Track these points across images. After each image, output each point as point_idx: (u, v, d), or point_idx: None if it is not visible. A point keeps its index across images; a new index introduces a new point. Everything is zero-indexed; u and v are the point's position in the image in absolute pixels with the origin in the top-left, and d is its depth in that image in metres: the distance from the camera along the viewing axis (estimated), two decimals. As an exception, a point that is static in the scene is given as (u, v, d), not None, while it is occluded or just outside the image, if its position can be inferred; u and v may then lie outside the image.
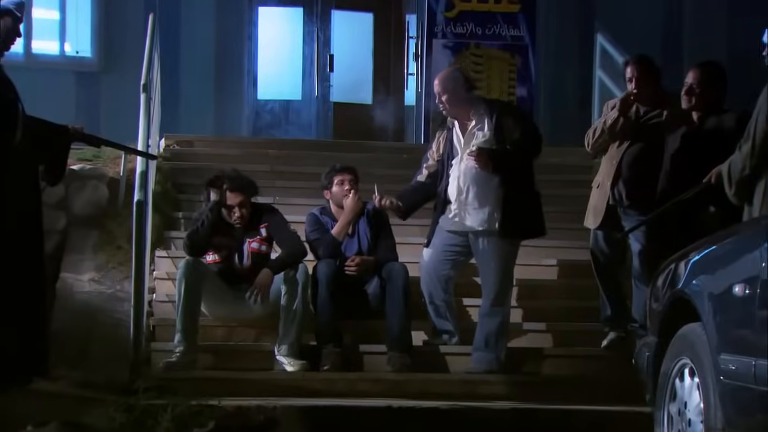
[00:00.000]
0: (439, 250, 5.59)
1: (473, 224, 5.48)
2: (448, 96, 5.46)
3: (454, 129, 5.57)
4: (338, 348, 5.47)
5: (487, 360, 5.47)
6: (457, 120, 5.55)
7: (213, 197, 5.62)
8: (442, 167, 5.59)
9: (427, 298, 5.62)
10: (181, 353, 5.33)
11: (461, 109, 5.51)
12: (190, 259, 5.50)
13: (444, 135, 5.60)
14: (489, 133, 5.47)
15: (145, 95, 6.50)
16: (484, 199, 5.45)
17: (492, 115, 5.49)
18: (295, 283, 5.46)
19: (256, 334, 5.72)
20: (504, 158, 5.41)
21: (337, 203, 5.78)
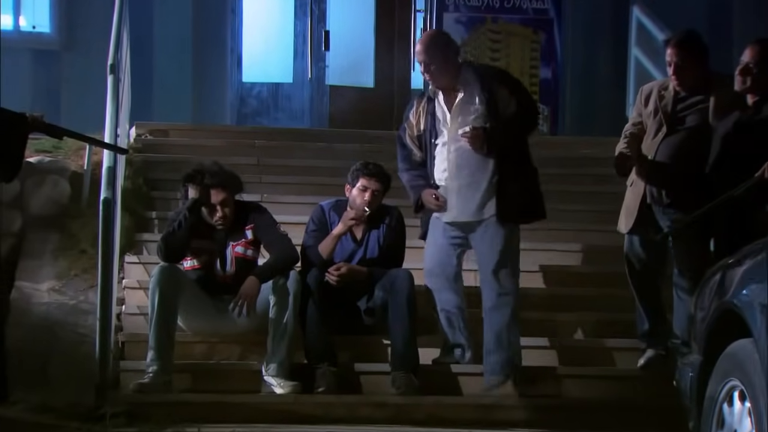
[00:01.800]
0: (441, 244, 5.59)
1: (470, 213, 5.49)
2: (435, 63, 5.41)
3: (437, 100, 5.53)
4: (334, 367, 5.48)
5: (501, 363, 5.43)
6: (443, 91, 5.51)
7: (191, 194, 5.64)
8: (423, 145, 5.57)
9: (438, 304, 5.63)
10: (154, 373, 5.34)
11: (448, 78, 5.46)
12: (165, 266, 5.51)
13: (424, 106, 5.56)
14: (481, 107, 5.44)
15: (113, 77, 6.51)
16: (480, 185, 5.45)
17: (483, 85, 5.46)
18: (286, 292, 5.47)
19: (240, 352, 5.73)
20: (500, 137, 5.40)
21: (352, 206, 5.78)
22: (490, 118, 5.41)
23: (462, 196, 5.49)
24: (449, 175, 5.50)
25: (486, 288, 5.53)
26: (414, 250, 6.33)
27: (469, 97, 5.47)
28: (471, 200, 5.48)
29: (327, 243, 5.70)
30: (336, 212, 5.82)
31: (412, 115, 5.61)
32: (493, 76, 5.58)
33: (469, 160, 5.46)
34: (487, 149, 5.40)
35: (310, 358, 5.55)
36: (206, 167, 5.67)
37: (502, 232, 5.48)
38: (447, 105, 5.51)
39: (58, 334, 5.87)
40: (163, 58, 9.80)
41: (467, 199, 5.48)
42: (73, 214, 6.83)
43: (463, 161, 5.47)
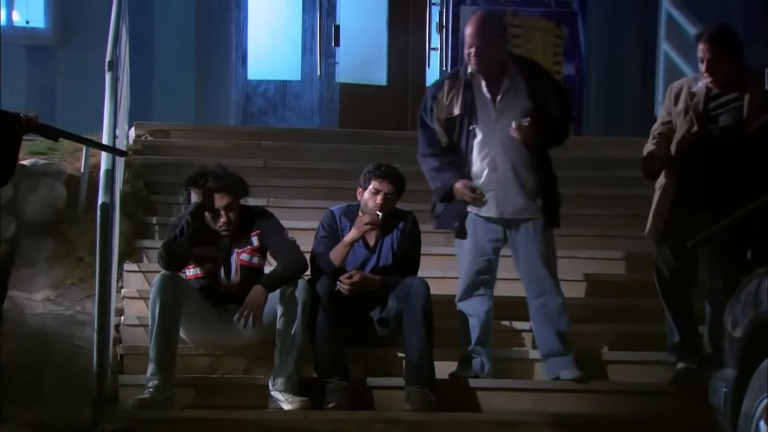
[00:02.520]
0: (480, 241, 5.60)
1: (517, 209, 5.52)
2: (483, 44, 5.44)
3: (479, 85, 5.55)
4: (346, 382, 5.48)
5: (568, 364, 5.54)
6: (486, 76, 5.53)
7: (194, 199, 5.64)
8: (454, 129, 5.57)
9: (465, 307, 5.63)
10: (155, 388, 5.35)
11: (495, 64, 5.51)
12: (167, 274, 5.52)
13: (458, 88, 5.57)
14: (528, 102, 5.51)
15: (111, 75, 6.52)
16: (525, 180, 5.51)
17: (530, 78, 5.53)
18: (294, 302, 5.47)
19: (246, 365, 5.74)
20: (548, 133, 5.49)
21: (363, 210, 5.79)
22: (536, 114, 5.46)
23: (509, 190, 5.52)
24: (493, 166, 5.52)
25: (534, 291, 5.57)
26: (430, 257, 6.34)
27: (515, 87, 5.53)
28: (518, 195, 5.52)
29: (339, 250, 5.71)
30: (347, 218, 5.83)
31: (442, 96, 5.60)
32: (539, 72, 5.65)
33: (515, 154, 5.50)
34: (536, 144, 5.46)
35: (320, 371, 5.54)
36: (210, 170, 5.68)
37: (548, 232, 5.57)
38: (491, 92, 5.53)
39: (53, 346, 5.88)
40: (164, 55, 9.83)
41: (514, 194, 5.52)
42: (70, 220, 6.85)
43: (510, 154, 5.50)
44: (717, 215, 5.28)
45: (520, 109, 5.50)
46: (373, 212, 5.70)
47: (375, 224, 5.69)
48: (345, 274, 5.66)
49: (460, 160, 5.59)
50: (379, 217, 5.68)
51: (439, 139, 5.63)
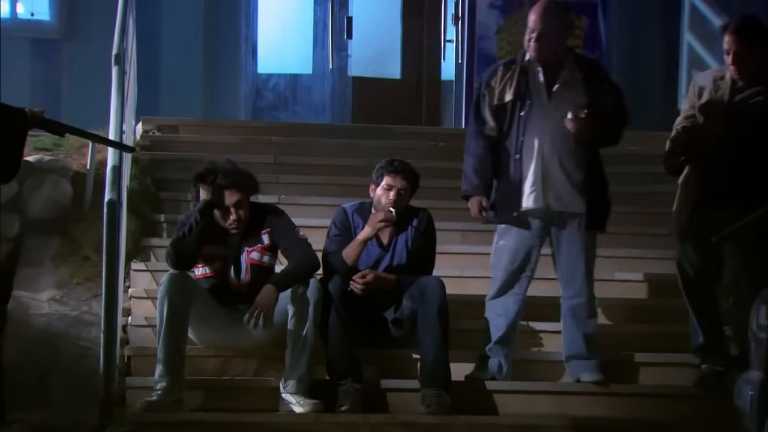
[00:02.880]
0: (519, 240, 5.59)
1: (561, 202, 5.53)
2: (545, 32, 5.47)
3: (537, 74, 5.56)
4: (359, 384, 5.49)
5: (591, 367, 5.57)
6: (544, 65, 5.56)
7: (203, 196, 5.65)
8: (503, 116, 5.58)
9: (496, 307, 5.61)
10: (163, 390, 5.36)
11: (554, 54, 5.55)
12: (175, 273, 5.53)
13: (512, 75, 5.59)
14: (584, 97, 5.53)
15: (118, 68, 6.54)
16: (574, 175, 5.53)
17: (588, 74, 5.57)
18: (306, 302, 5.48)
19: (256, 367, 5.74)
20: (601, 131, 5.51)
21: (375, 208, 5.79)
22: (590, 110, 5.48)
23: (555, 182, 5.53)
24: (540, 156, 5.53)
25: (568, 291, 5.59)
26: (445, 256, 6.33)
27: (572, 80, 5.55)
28: (564, 188, 5.53)
29: (352, 248, 5.71)
30: (360, 215, 5.83)
31: (495, 82, 5.62)
32: (599, 70, 5.69)
33: (565, 146, 5.51)
34: (588, 140, 5.48)
35: (333, 373, 5.55)
36: (219, 166, 5.68)
37: (591, 233, 5.61)
38: (547, 81, 5.55)
39: (58, 347, 5.89)
40: (172, 48, 9.84)
41: (560, 187, 5.53)
42: (76, 218, 6.87)
43: (559, 145, 5.52)
44: (742, 211, 5.27)
45: (574, 102, 5.51)
46: (387, 209, 5.70)
47: (389, 221, 5.69)
48: (358, 273, 5.66)
49: (504, 156, 5.57)
50: (393, 214, 5.68)
51: (487, 130, 5.63)
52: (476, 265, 6.67)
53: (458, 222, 7.03)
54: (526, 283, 5.66)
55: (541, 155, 5.54)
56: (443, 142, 8.37)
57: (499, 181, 5.65)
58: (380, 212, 5.71)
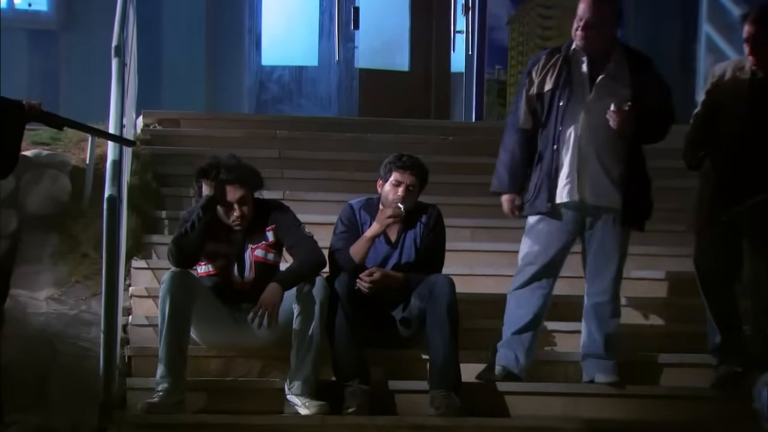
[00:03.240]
0: (551, 232, 5.57)
1: (597, 196, 5.52)
2: (594, 22, 5.46)
3: (580, 65, 5.56)
4: (366, 385, 5.49)
5: (607, 368, 5.56)
6: (590, 55, 5.55)
7: (205, 192, 5.66)
8: (541, 106, 5.57)
9: (519, 299, 5.60)
10: (165, 392, 5.37)
11: (605, 44, 5.53)
12: (177, 271, 5.53)
13: (555, 64, 5.57)
14: (628, 90, 5.52)
15: (118, 60, 6.55)
16: (612, 168, 5.52)
17: (634, 67, 5.56)
18: (312, 301, 5.48)
19: (261, 368, 5.75)
20: (644, 126, 5.50)
21: (383, 204, 5.79)
22: (635, 104, 5.47)
23: (592, 174, 5.51)
24: (577, 147, 5.51)
25: (595, 287, 5.58)
26: (455, 254, 6.33)
27: (618, 73, 5.55)
28: (601, 181, 5.51)
29: (359, 246, 5.71)
30: (367, 212, 5.83)
31: (536, 72, 5.61)
32: (647, 64, 5.66)
33: (604, 138, 5.50)
34: (629, 134, 5.47)
35: (339, 374, 5.55)
36: (222, 161, 5.68)
37: (626, 230, 5.59)
38: (590, 72, 5.54)
39: (57, 347, 5.90)
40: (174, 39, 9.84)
41: (597, 179, 5.51)
42: (74, 214, 6.87)
43: (598, 137, 5.50)
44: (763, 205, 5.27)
45: (618, 95, 5.49)
46: (395, 205, 5.70)
47: (398, 218, 5.69)
48: (365, 271, 5.67)
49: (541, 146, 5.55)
50: (402, 210, 5.68)
51: (523, 128, 5.62)
52: (486, 263, 6.67)
53: (468, 219, 7.04)
54: (553, 280, 5.64)
55: (578, 147, 5.52)
56: (453, 136, 8.37)
57: (534, 172, 5.62)
58: (388, 208, 5.71)
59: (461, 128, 9.10)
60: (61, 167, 7.10)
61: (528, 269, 5.63)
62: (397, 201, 5.72)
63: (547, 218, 5.59)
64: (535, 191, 5.60)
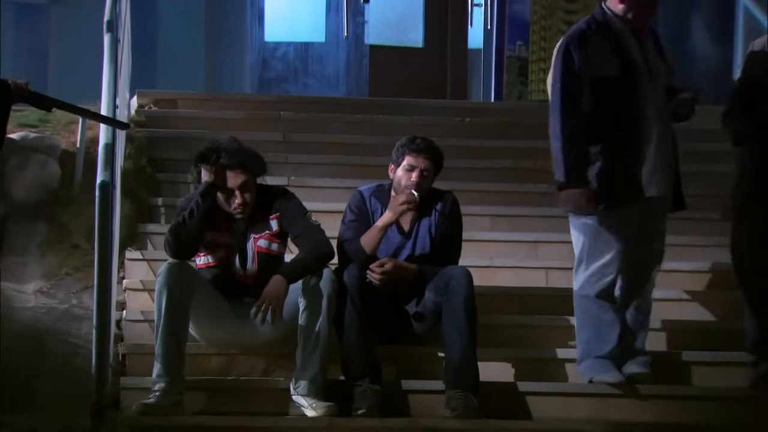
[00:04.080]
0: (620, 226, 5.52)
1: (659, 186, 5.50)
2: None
3: (631, 40, 5.51)
4: (377, 385, 5.50)
5: (643, 362, 5.58)
6: (635, 32, 5.52)
7: (205, 177, 5.66)
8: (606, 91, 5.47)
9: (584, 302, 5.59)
10: (162, 392, 5.38)
11: (652, 18, 5.54)
12: (174, 263, 5.55)
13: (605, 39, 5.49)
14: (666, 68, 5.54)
15: (111, 36, 6.55)
16: (667, 156, 5.52)
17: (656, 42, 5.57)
18: (319, 295, 5.49)
19: (264, 366, 5.76)
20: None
21: (396, 190, 5.80)
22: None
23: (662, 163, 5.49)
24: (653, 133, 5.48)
25: (636, 280, 5.57)
26: (473, 244, 6.33)
27: (659, 50, 5.55)
28: (663, 169, 5.50)
29: (371, 235, 5.71)
30: (378, 199, 5.83)
31: (579, 48, 5.48)
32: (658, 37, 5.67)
33: (664, 122, 5.50)
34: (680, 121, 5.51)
35: (348, 373, 5.56)
36: (222, 145, 5.69)
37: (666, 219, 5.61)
38: (642, 49, 5.52)
39: (46, 344, 5.92)
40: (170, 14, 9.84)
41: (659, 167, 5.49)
42: (64, 201, 6.89)
43: (658, 121, 5.49)
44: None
45: (665, 73, 5.51)
46: (409, 191, 5.70)
47: (412, 204, 5.69)
48: (376, 262, 5.67)
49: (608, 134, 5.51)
50: (416, 197, 5.68)
51: (581, 111, 5.52)
52: (507, 253, 6.68)
53: (487, 206, 7.04)
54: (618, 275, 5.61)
55: (653, 132, 5.48)
56: (470, 118, 8.36)
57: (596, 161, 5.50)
58: (402, 195, 5.71)
59: (479, 109, 9.09)
60: (50, 151, 7.11)
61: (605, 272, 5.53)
62: (411, 187, 5.71)
63: (613, 213, 5.51)
64: (608, 182, 5.49)
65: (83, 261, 6.42)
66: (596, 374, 5.58)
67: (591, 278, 5.56)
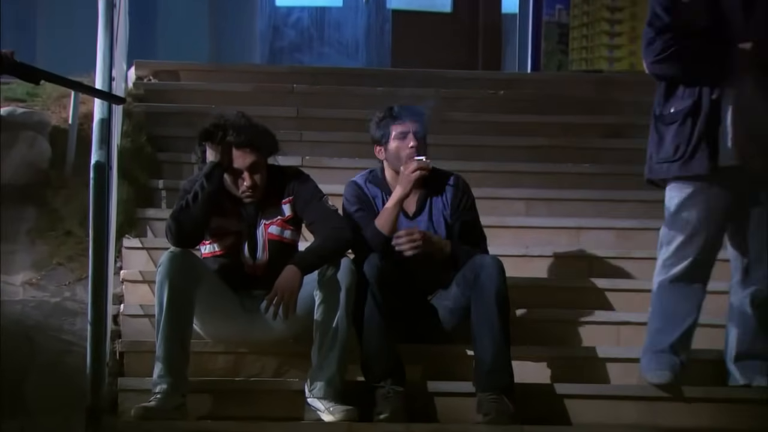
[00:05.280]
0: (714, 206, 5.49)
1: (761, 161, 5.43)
2: None
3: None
4: (401, 386, 5.51)
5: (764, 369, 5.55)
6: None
7: (210, 157, 5.68)
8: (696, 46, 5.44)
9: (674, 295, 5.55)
10: (163, 394, 5.41)
11: None
12: (177, 252, 5.56)
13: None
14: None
15: (106, 1, 6.56)
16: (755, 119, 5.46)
17: None
18: (336, 287, 5.50)
19: (276, 366, 5.78)
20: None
21: (395, 167, 5.81)
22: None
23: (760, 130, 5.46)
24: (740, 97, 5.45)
25: (754, 270, 5.55)
26: (505, 230, 6.35)
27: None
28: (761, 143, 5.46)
29: (385, 216, 5.70)
30: (375, 184, 5.85)
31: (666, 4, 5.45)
32: None
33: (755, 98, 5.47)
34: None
35: (369, 374, 5.57)
36: (229, 121, 5.70)
37: None
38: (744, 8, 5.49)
39: (36, 341, 5.94)
40: (172, -24, 9.85)
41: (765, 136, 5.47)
42: (56, 184, 6.91)
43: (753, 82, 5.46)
44: None
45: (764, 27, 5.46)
46: (410, 159, 5.69)
47: (426, 170, 5.68)
48: (403, 230, 5.63)
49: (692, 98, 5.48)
50: (427, 162, 5.67)
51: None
52: (545, 241, 6.67)
53: (522, 188, 7.04)
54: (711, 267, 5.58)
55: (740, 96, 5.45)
56: (504, 90, 8.35)
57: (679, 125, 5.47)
58: (411, 162, 5.70)
59: (514, 80, 9.08)
60: (40, 128, 7.13)
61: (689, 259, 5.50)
62: (412, 154, 5.72)
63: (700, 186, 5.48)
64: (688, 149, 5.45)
65: (76, 249, 6.44)
66: (644, 371, 5.58)
67: (666, 261, 5.55)
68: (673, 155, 5.46)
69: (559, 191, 7.10)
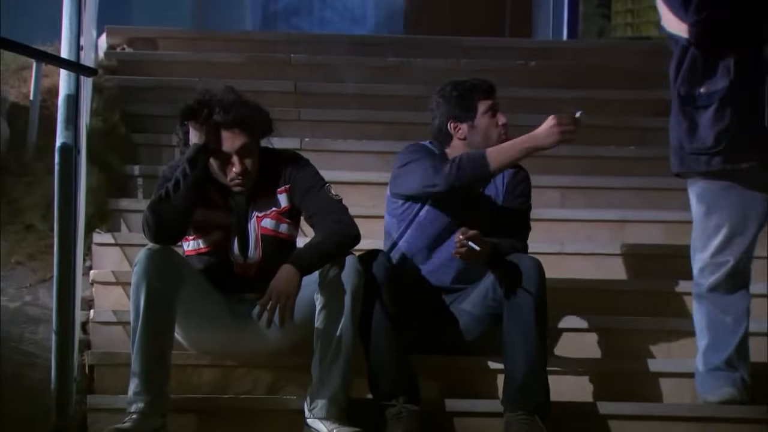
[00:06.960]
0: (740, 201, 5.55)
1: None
2: None
3: None
4: (415, 405, 5.52)
5: None
6: None
7: (194, 139, 5.69)
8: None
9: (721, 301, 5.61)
10: (140, 414, 5.41)
11: None
12: (156, 249, 5.57)
13: None
14: None
15: (73, -41, 6.57)
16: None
17: None
18: (340, 290, 5.50)
19: (271, 381, 5.80)
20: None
21: (478, 146, 5.78)
22: None
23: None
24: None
25: None
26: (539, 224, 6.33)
27: None
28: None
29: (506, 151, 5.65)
30: None
31: None
32: None
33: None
34: None
35: (378, 390, 5.59)
36: (216, 97, 5.70)
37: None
38: None
39: (-7, 353, 5.97)
40: (149, -71, 9.88)
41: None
42: (15, 170, 6.93)
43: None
44: None
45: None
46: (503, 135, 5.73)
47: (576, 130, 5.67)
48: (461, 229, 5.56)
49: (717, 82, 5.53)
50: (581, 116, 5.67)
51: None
52: (583, 236, 6.68)
53: (557, 176, 7.05)
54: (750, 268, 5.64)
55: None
56: (536, 61, 8.36)
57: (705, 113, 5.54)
58: (562, 118, 5.67)
59: (548, 49, 9.10)
60: (-4, 105, 7.16)
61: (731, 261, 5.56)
62: (504, 132, 5.76)
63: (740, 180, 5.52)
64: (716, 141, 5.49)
65: (39, 246, 6.46)
66: (700, 391, 5.62)
67: (703, 270, 5.60)
68: (715, 145, 5.47)
69: (599, 178, 7.11)
